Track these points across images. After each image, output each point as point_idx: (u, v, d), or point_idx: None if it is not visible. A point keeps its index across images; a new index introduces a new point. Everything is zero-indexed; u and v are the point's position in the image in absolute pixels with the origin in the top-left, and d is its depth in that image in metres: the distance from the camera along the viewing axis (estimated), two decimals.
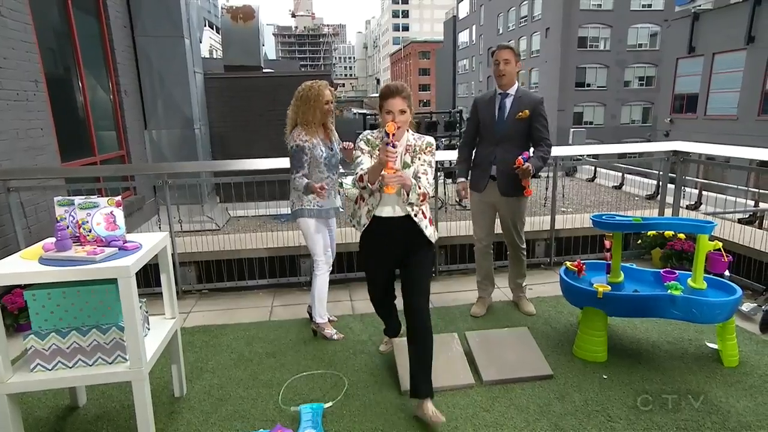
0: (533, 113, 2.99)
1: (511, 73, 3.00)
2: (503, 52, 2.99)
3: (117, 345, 1.90)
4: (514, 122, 3.01)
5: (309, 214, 2.87)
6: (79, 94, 4.90)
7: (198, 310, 3.62)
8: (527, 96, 3.07)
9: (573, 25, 28.78)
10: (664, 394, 2.34)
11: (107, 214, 2.01)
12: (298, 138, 2.77)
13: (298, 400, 2.39)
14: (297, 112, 2.82)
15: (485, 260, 3.34)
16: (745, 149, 4.25)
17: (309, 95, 2.77)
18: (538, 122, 3.01)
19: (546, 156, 3.00)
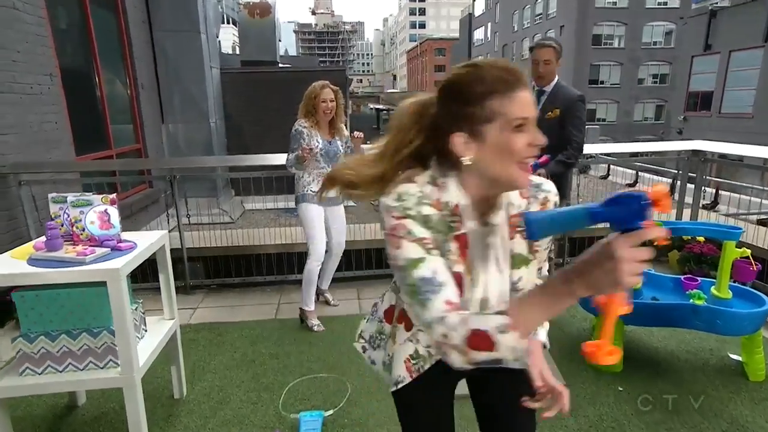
0: (566, 111, 2.79)
1: (552, 72, 2.80)
2: (544, 52, 2.77)
3: (108, 349, 1.81)
4: (545, 121, 2.79)
5: (310, 199, 3.00)
6: (95, 87, 4.91)
7: (205, 306, 3.56)
8: (563, 92, 2.85)
9: (588, 23, 28.45)
10: (684, 410, 2.20)
11: (101, 213, 1.92)
12: (298, 124, 2.97)
13: (299, 405, 2.31)
14: (301, 108, 3.01)
15: None
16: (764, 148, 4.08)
17: (308, 93, 2.98)
18: (570, 122, 2.79)
19: (569, 160, 2.81)
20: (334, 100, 2.97)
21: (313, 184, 3.00)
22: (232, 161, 5.02)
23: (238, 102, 7.80)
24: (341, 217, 3.22)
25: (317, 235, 3.03)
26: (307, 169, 3.00)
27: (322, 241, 3.05)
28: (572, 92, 2.84)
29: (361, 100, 38.83)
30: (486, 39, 45.46)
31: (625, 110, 29.79)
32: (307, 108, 2.99)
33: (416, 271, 0.88)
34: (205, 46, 6.39)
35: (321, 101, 2.94)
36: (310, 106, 2.97)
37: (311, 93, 2.96)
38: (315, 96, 2.94)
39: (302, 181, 3.03)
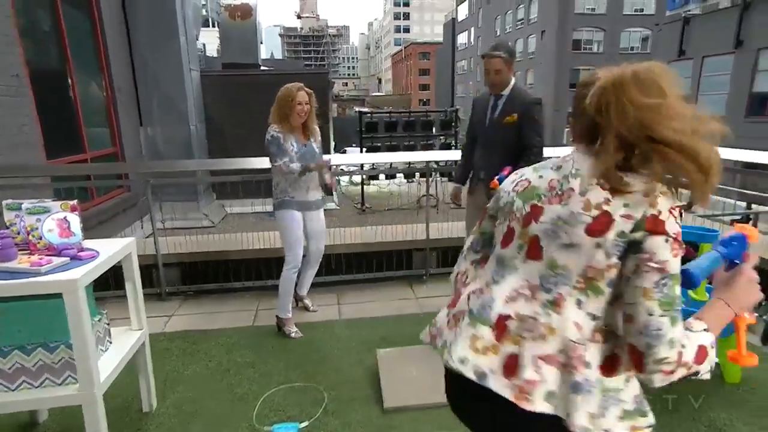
0: (523, 116, 2.70)
1: (504, 80, 2.73)
2: (493, 62, 2.68)
3: (67, 365, 1.72)
4: (501, 127, 2.75)
5: (288, 206, 2.94)
6: (68, 89, 4.76)
7: (181, 314, 3.45)
8: (520, 97, 2.76)
9: (568, 28, 29.03)
10: (661, 414, 2.19)
11: (60, 220, 1.82)
12: (272, 130, 2.88)
13: (273, 417, 2.23)
14: (273, 112, 2.93)
15: None
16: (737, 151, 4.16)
17: (280, 96, 2.89)
18: (528, 126, 2.71)
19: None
20: (308, 103, 2.90)
21: (290, 189, 2.93)
22: (212, 165, 4.93)
23: (219, 105, 7.68)
24: (321, 222, 3.15)
25: (294, 243, 2.97)
26: (285, 175, 2.92)
27: (299, 249, 2.99)
28: (529, 96, 2.80)
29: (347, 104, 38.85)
30: (469, 43, 45.98)
31: None
32: (281, 111, 2.89)
33: (678, 286, 0.88)
34: (184, 49, 6.28)
35: (296, 104, 2.86)
36: (286, 109, 2.88)
37: (286, 96, 2.88)
38: (291, 99, 2.86)
39: (280, 187, 2.95)
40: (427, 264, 3.96)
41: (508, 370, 0.93)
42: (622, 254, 0.89)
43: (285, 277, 3.01)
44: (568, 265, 0.94)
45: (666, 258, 0.86)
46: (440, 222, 4.52)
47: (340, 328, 3.15)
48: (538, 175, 1.04)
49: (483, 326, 0.98)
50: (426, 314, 3.29)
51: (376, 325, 3.16)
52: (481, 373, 0.95)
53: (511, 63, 2.73)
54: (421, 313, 3.34)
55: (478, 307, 1.02)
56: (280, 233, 3.01)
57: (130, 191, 5.64)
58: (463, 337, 1.00)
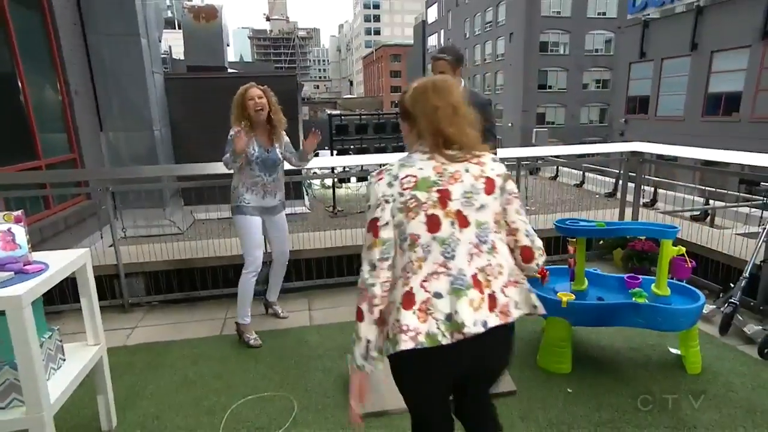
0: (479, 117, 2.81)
1: None
2: (438, 64, 2.68)
3: (11, 386, 1.61)
4: None
5: (245, 211, 2.89)
6: (17, 93, 4.50)
7: (145, 325, 3.33)
8: (473, 98, 2.79)
9: (535, 31, 29.72)
10: (629, 408, 2.24)
11: (3, 232, 1.71)
12: (232, 129, 2.83)
13: (242, 429, 2.17)
14: (231, 116, 2.88)
15: None
16: (698, 150, 4.33)
17: (235, 97, 2.85)
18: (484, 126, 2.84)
19: None
20: (262, 97, 2.84)
21: (247, 194, 2.88)
22: (176, 170, 4.74)
23: (184, 109, 7.46)
24: (282, 226, 3.11)
25: (252, 247, 2.91)
26: (241, 178, 2.88)
27: (257, 252, 2.94)
28: (482, 97, 2.91)
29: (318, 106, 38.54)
30: (440, 45, 46.44)
31: (572, 113, 31.24)
32: (237, 114, 2.85)
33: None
34: (146, 51, 6.07)
35: (248, 99, 2.81)
36: (240, 108, 2.83)
37: (238, 94, 2.85)
38: (242, 95, 2.82)
39: (237, 192, 2.90)
40: None
41: (491, 306, 1.26)
42: (500, 196, 1.34)
43: (243, 281, 2.94)
44: (487, 219, 1.31)
45: (516, 189, 1.40)
46: None
47: (310, 334, 3.09)
48: (416, 169, 1.31)
49: (470, 290, 1.25)
50: None
51: (347, 330, 3.08)
52: (483, 322, 1.24)
53: (456, 66, 2.71)
54: None
55: (451, 281, 1.25)
56: (239, 237, 2.96)
57: (90, 199, 5.40)
58: (461, 307, 1.23)
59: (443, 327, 1.22)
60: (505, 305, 1.27)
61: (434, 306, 1.24)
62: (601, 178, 8.38)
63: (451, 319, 1.22)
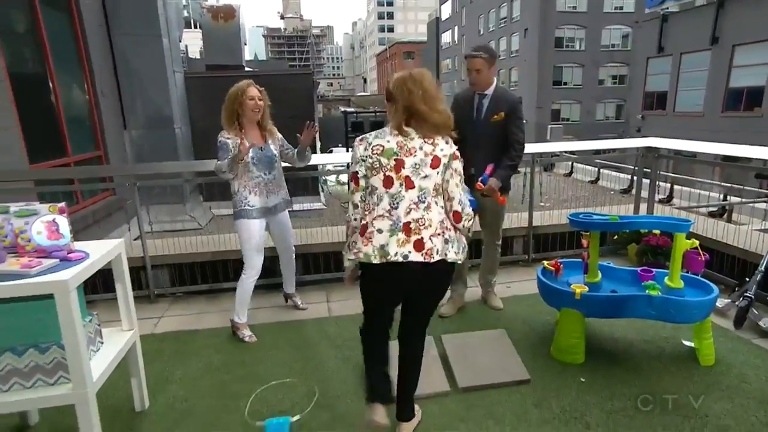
0: (509, 114, 2.91)
1: (486, 79, 2.91)
2: (474, 62, 2.87)
3: (59, 365, 1.74)
4: (489, 124, 2.94)
5: (247, 215, 2.88)
6: (49, 92, 4.69)
7: (171, 315, 3.46)
8: (505, 96, 2.98)
9: (550, 26, 29.36)
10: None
11: (49, 222, 1.84)
12: (222, 135, 2.82)
13: (265, 412, 2.27)
14: (223, 113, 2.84)
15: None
16: (713, 145, 4.29)
17: (230, 95, 2.80)
18: (514, 123, 2.93)
19: (514, 162, 2.94)
20: (261, 99, 2.82)
21: (251, 196, 2.86)
22: (196, 166, 4.87)
23: (203, 107, 7.63)
24: (286, 223, 3.12)
25: (252, 252, 2.92)
26: (242, 181, 2.85)
27: (257, 258, 2.96)
28: (512, 96, 3.02)
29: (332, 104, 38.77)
30: (453, 42, 46.17)
31: (587, 110, 30.83)
32: (230, 112, 2.80)
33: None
34: (167, 51, 6.24)
35: (248, 99, 2.78)
36: (236, 105, 2.78)
37: (236, 92, 2.78)
38: (241, 93, 2.77)
39: (239, 196, 2.87)
40: None
41: (419, 247, 1.78)
42: (444, 171, 1.83)
43: (243, 282, 2.96)
44: (428, 186, 1.82)
45: (460, 168, 1.88)
46: None
47: (329, 324, 3.19)
48: (385, 141, 1.83)
49: (400, 233, 1.79)
50: None
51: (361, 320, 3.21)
52: (405, 255, 1.78)
53: (492, 63, 2.89)
54: None
55: (391, 224, 1.80)
56: (240, 242, 2.95)
57: (115, 194, 5.60)
58: (391, 242, 1.78)
59: (376, 252, 1.79)
60: (429, 249, 1.79)
61: (375, 237, 1.80)
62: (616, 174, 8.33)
63: (383, 249, 1.79)
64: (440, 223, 1.82)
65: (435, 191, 1.83)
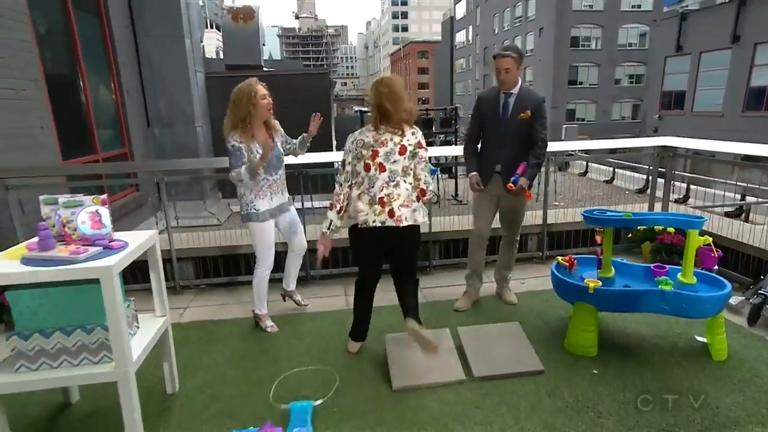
0: (535, 113, 3.01)
1: (513, 78, 3.01)
2: (504, 62, 2.96)
3: (102, 345, 1.87)
4: (516, 122, 3.03)
5: (255, 218, 2.89)
6: (80, 93, 4.91)
7: (195, 306, 3.61)
8: (530, 95, 3.08)
9: (566, 25, 29.10)
10: (653, 390, 2.35)
11: (92, 213, 1.98)
12: (233, 139, 2.77)
13: (288, 397, 2.38)
14: (231, 115, 2.78)
15: (478, 254, 3.35)
16: (729, 144, 4.27)
17: (241, 96, 2.74)
18: (538, 122, 3.03)
19: (540, 160, 3.06)
20: (270, 95, 2.81)
21: (257, 201, 2.87)
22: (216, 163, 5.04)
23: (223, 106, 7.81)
24: (295, 220, 3.16)
25: (265, 251, 2.98)
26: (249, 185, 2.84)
27: (269, 255, 3.02)
28: (537, 95, 3.11)
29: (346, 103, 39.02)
30: (467, 42, 46.04)
31: (603, 110, 30.48)
32: (242, 113, 2.72)
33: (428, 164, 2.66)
34: (189, 51, 6.42)
35: (261, 98, 2.75)
36: (249, 106, 2.71)
37: (247, 91, 2.71)
38: (253, 94, 2.71)
39: (246, 199, 2.87)
40: (430, 256, 4.12)
41: (390, 215, 2.44)
42: (412, 157, 2.48)
43: (258, 276, 3.03)
44: (397, 168, 2.47)
45: (426, 155, 2.53)
46: (442, 216, 4.68)
47: (347, 317, 3.26)
48: (365, 136, 2.49)
49: (376, 205, 2.45)
50: (430, 303, 3.45)
51: (382, 313, 3.29)
52: (382, 221, 2.44)
53: (520, 62, 3.00)
54: (425, 302, 3.49)
55: (369, 199, 2.46)
56: (252, 241, 2.99)
57: (139, 191, 5.79)
58: (370, 213, 2.46)
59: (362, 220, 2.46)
60: (399, 216, 2.44)
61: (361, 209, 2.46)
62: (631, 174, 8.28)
63: (366, 218, 2.45)
64: (407, 197, 2.47)
65: (403, 172, 2.48)
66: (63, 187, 3.84)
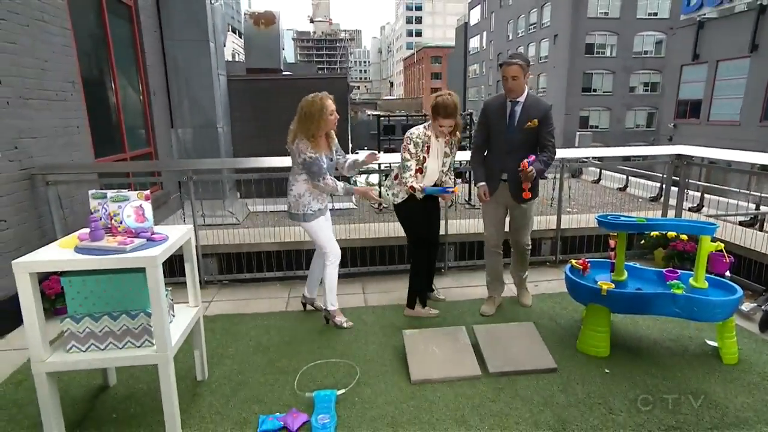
0: (542, 121, 3.02)
1: (520, 86, 3.01)
2: (511, 69, 2.95)
3: (145, 330, 2.02)
4: (523, 131, 3.04)
5: (311, 218, 3.03)
6: (112, 94, 5.12)
7: (219, 300, 3.76)
8: (536, 103, 3.07)
9: (580, 33, 29.02)
10: (664, 389, 2.43)
11: (137, 207, 2.13)
12: (308, 151, 2.87)
13: (312, 386, 2.50)
14: (301, 127, 2.87)
15: (495, 261, 3.40)
16: (744, 153, 4.30)
17: (313, 110, 2.83)
18: (545, 129, 3.04)
19: (549, 161, 3.06)
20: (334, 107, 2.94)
21: (314, 202, 3.02)
22: (237, 163, 5.23)
23: (243, 108, 8.04)
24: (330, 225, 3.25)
25: (330, 240, 3.12)
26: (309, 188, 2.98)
27: (335, 243, 3.15)
28: (544, 103, 3.10)
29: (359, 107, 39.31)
30: (481, 47, 46.05)
31: (617, 117, 30.29)
32: (315, 125, 2.83)
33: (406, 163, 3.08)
34: (213, 55, 6.62)
35: (329, 114, 2.87)
36: (321, 122, 2.83)
37: (320, 108, 2.82)
38: (324, 109, 2.83)
39: (303, 200, 3.00)
40: (445, 257, 4.23)
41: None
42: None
43: (333, 270, 3.13)
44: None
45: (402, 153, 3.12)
46: (457, 219, 4.79)
47: (366, 313, 3.41)
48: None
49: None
50: (446, 303, 3.55)
51: (399, 311, 3.43)
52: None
53: (527, 70, 3.01)
54: (441, 302, 3.59)
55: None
56: (315, 238, 3.11)
57: (162, 189, 5.99)
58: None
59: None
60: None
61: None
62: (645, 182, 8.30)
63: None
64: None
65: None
66: (95, 184, 4.03)
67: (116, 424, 2.24)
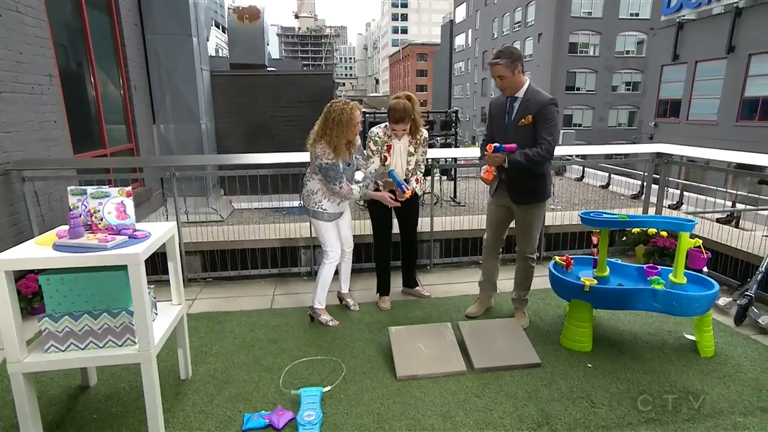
0: (537, 116, 2.78)
1: (511, 83, 2.82)
2: (494, 70, 2.82)
3: (126, 328, 1.98)
4: (517, 128, 2.85)
5: (321, 218, 3.08)
6: (91, 88, 5.02)
7: (203, 298, 3.71)
8: (535, 98, 2.82)
9: (564, 32, 29.40)
10: (644, 382, 2.48)
11: (118, 204, 2.09)
12: (325, 157, 2.89)
13: (298, 384, 2.49)
14: (326, 132, 2.88)
15: (489, 263, 3.31)
16: (723, 152, 4.42)
17: (342, 119, 2.83)
18: (541, 126, 2.78)
19: (534, 156, 2.75)
20: None
21: (325, 202, 3.05)
22: (221, 160, 5.16)
23: (227, 103, 7.94)
24: (348, 219, 3.33)
25: (333, 241, 3.14)
26: (322, 187, 3.02)
27: (337, 245, 3.18)
28: (543, 97, 2.82)
29: None
30: (467, 45, 46.28)
31: (600, 116, 30.82)
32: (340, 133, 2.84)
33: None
34: (196, 49, 6.52)
35: (355, 124, 2.88)
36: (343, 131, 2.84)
37: (347, 117, 2.82)
38: (352, 120, 2.85)
39: (315, 197, 3.04)
40: (431, 254, 4.24)
41: None
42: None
43: (328, 270, 3.15)
44: None
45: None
46: (442, 216, 4.81)
47: (352, 311, 3.41)
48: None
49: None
50: (431, 300, 3.57)
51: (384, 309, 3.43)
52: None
53: (514, 66, 2.79)
54: (426, 299, 3.61)
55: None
56: (318, 235, 3.16)
57: (143, 186, 5.88)
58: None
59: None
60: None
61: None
62: (627, 180, 8.47)
63: None
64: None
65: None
66: (73, 180, 3.94)
67: (97, 424, 2.19)
